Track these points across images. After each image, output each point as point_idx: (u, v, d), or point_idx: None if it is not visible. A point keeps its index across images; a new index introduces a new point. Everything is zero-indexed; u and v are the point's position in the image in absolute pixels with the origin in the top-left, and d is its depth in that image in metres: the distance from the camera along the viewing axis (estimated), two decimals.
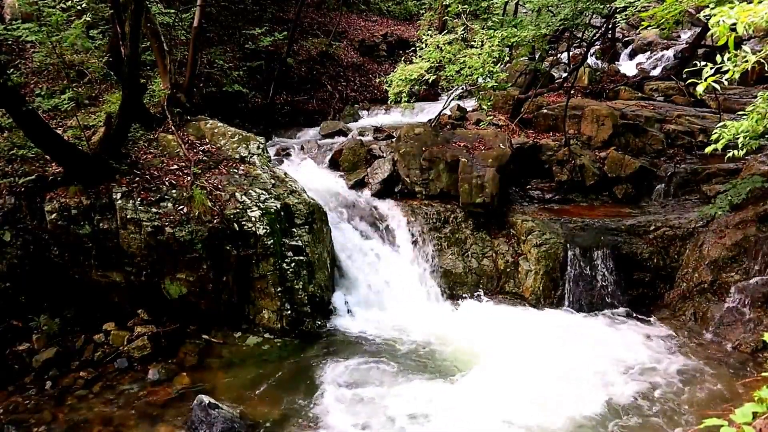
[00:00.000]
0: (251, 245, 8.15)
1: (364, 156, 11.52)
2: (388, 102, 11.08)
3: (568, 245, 9.39)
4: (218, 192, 8.41)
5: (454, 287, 9.71)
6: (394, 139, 11.66)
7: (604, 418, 6.49)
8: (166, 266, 7.91)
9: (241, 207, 8.29)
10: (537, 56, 13.86)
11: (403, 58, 13.72)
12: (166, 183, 8.22)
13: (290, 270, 8.33)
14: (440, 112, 12.48)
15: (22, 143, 7.87)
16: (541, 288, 9.39)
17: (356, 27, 19.76)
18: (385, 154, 11.35)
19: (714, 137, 5.39)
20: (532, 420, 6.40)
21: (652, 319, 8.91)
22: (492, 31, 10.12)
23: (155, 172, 8.37)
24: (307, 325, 8.34)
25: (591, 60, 17.17)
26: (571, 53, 14.30)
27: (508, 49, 11.57)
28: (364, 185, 10.97)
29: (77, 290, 7.84)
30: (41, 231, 7.68)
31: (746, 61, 3.56)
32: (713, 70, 3.44)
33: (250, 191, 8.61)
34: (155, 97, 9.66)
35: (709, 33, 12.54)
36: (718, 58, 3.55)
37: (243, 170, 9.14)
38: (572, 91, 12.83)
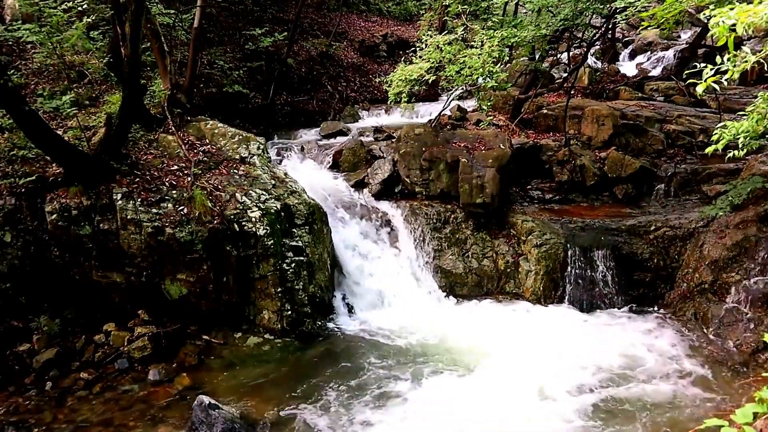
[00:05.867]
0: (251, 246, 8.16)
1: (364, 156, 11.53)
2: (389, 102, 11.07)
3: (568, 245, 9.39)
4: (218, 192, 8.41)
5: (454, 287, 9.70)
6: (394, 140, 11.67)
7: (603, 416, 6.49)
8: (166, 267, 7.91)
9: (241, 207, 8.29)
10: (537, 56, 13.86)
11: (403, 58, 13.71)
12: (167, 183, 8.22)
13: (290, 270, 8.34)
14: (440, 112, 12.48)
15: (23, 144, 7.88)
16: (541, 288, 9.39)
17: (356, 27, 19.77)
18: (385, 155, 11.36)
19: (714, 138, 5.40)
20: (533, 412, 6.45)
21: (652, 319, 8.90)
22: (492, 31, 10.14)
23: (155, 173, 8.37)
24: (307, 326, 8.35)
25: (591, 60, 17.18)
26: (571, 53, 14.31)
27: (508, 49, 11.59)
28: (364, 185, 10.97)
29: (77, 291, 7.85)
30: (42, 231, 7.68)
31: (746, 62, 3.56)
32: (713, 72, 3.44)
33: (251, 192, 8.61)
34: (155, 98, 9.67)
35: (709, 33, 12.54)
36: (718, 59, 3.56)
37: (243, 171, 9.15)
38: (572, 92, 12.83)
